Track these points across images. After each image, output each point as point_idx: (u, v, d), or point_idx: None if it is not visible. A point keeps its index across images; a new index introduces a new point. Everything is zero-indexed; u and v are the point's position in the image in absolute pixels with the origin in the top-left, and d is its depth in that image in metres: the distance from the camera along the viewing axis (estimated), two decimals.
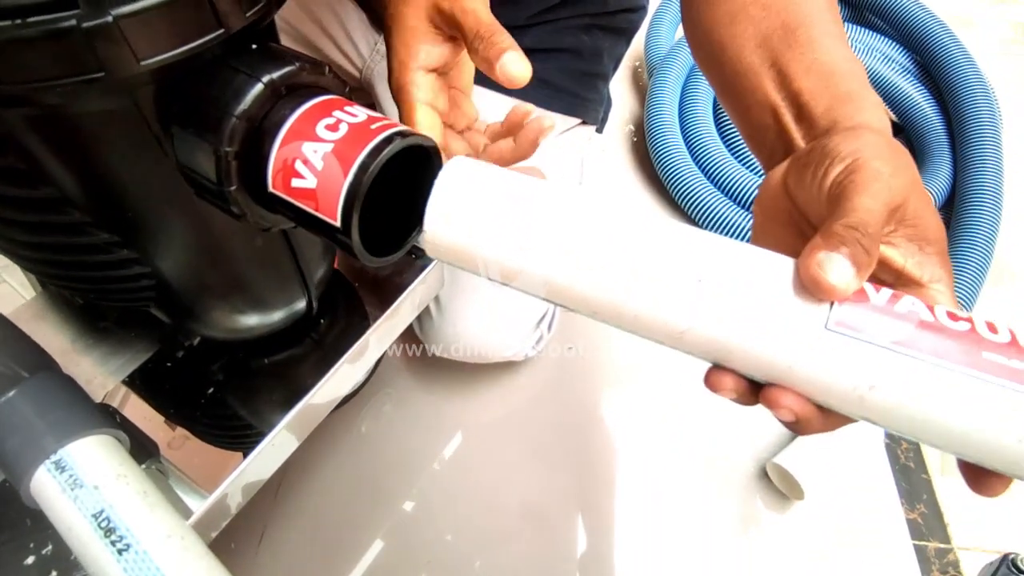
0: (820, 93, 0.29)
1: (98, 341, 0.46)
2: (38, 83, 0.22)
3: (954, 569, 0.61)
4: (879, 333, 0.20)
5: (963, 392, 0.19)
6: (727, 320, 0.21)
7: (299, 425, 0.45)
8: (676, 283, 0.22)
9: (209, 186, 0.25)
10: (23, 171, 0.28)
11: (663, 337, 0.23)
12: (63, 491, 0.30)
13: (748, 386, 0.23)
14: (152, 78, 0.24)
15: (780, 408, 0.22)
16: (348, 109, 0.25)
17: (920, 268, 0.24)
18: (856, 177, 0.23)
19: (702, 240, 0.23)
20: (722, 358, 0.23)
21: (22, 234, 0.31)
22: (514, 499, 0.64)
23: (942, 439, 0.20)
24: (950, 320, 0.20)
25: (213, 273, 0.35)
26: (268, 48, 0.26)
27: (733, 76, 0.33)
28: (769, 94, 0.31)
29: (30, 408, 0.32)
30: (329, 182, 0.23)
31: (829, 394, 0.21)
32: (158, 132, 0.26)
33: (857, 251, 0.21)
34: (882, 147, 0.24)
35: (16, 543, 0.36)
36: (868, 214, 0.22)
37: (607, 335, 0.77)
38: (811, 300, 0.21)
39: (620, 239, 0.23)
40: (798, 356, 0.21)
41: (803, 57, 0.30)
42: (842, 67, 0.29)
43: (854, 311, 0.21)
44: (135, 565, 0.29)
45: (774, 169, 0.28)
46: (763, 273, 0.22)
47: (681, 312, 0.22)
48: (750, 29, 0.32)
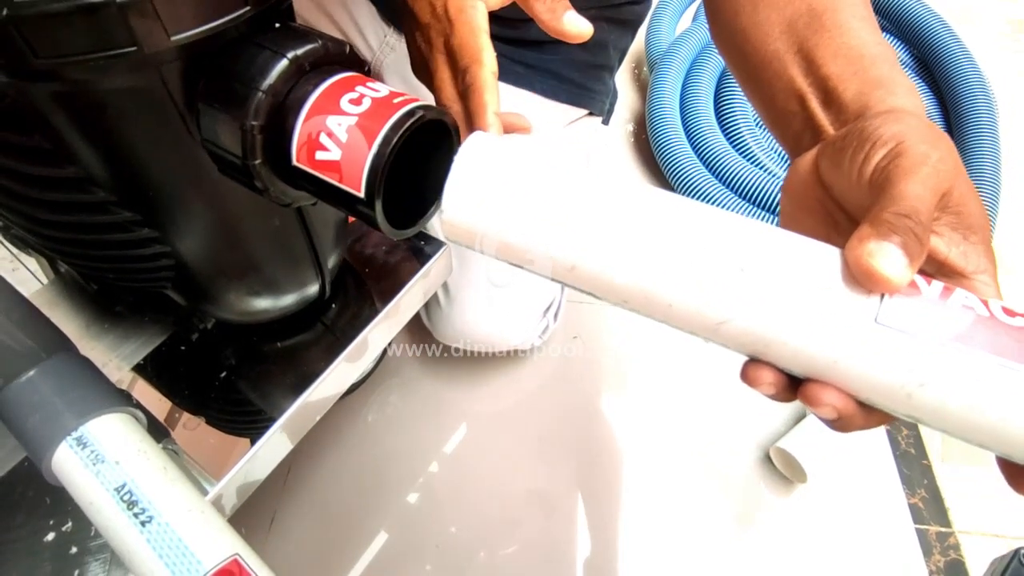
0: (849, 78, 0.28)
1: (112, 326, 0.47)
2: (71, 57, 0.23)
3: (955, 552, 0.62)
4: (932, 328, 0.19)
5: (1017, 390, 0.18)
6: (769, 311, 0.20)
7: (307, 412, 0.45)
8: (717, 271, 0.21)
9: (234, 161, 0.26)
10: (49, 150, 0.29)
11: (698, 328, 0.22)
12: (85, 466, 0.31)
13: (787, 381, 0.22)
14: (180, 54, 0.25)
15: (822, 406, 0.21)
16: (370, 84, 0.25)
17: (965, 258, 0.22)
18: (902, 162, 0.22)
19: (743, 226, 0.22)
20: (761, 351, 0.21)
21: (46, 213, 0.31)
22: (520, 486, 0.65)
23: (994, 439, 0.19)
24: (1007, 315, 0.19)
25: (230, 254, 0.36)
26: (291, 27, 0.27)
27: (758, 64, 0.32)
28: (795, 80, 0.30)
29: (50, 387, 0.32)
30: (354, 154, 0.24)
31: (875, 391, 0.20)
32: (183, 109, 0.27)
33: (910, 240, 0.20)
34: (925, 130, 0.23)
35: (36, 521, 0.37)
36: (919, 200, 0.21)
37: (611, 325, 0.78)
38: (860, 292, 0.20)
39: (654, 222, 0.21)
40: (845, 351, 0.20)
41: (831, 42, 0.29)
42: (872, 50, 0.28)
43: (906, 304, 0.20)
44: (158, 536, 0.29)
45: (802, 156, 0.28)
46: (809, 263, 0.21)
47: (720, 303, 0.21)
48: (774, 16, 0.31)
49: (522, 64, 0.59)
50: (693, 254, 0.21)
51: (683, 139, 0.92)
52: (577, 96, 0.62)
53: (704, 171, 0.88)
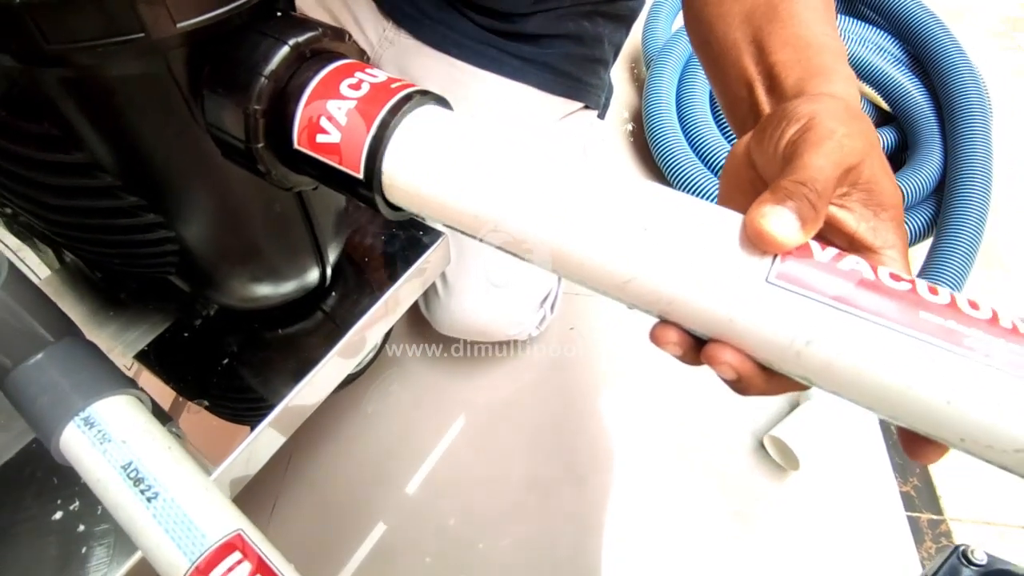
0: (792, 65, 0.29)
1: (116, 314, 0.48)
2: (81, 43, 0.23)
3: (946, 539, 0.63)
4: (819, 288, 0.20)
5: (897, 350, 0.19)
6: (670, 270, 0.21)
7: (305, 400, 0.46)
8: (621, 230, 0.22)
9: (237, 145, 0.27)
10: (57, 136, 0.29)
11: (609, 287, 0.23)
12: (93, 445, 0.32)
13: (692, 342, 0.23)
14: (185, 41, 0.26)
15: (720, 364, 0.22)
16: (369, 71, 0.26)
17: (874, 233, 0.24)
18: (809, 136, 0.23)
19: (653, 191, 0.23)
20: (665, 310, 0.22)
21: (54, 198, 0.32)
22: (518, 476, 0.66)
23: (875, 400, 0.20)
24: (891, 280, 0.20)
25: (233, 239, 0.37)
26: (292, 16, 0.28)
27: (718, 53, 0.33)
28: (747, 68, 0.31)
29: (58, 369, 0.33)
30: (353, 136, 0.25)
31: (767, 349, 0.21)
32: (187, 95, 0.28)
33: (803, 205, 0.21)
34: (839, 110, 0.24)
35: (44, 500, 0.38)
36: (817, 171, 0.22)
37: (608, 316, 0.79)
38: (755, 253, 0.21)
39: (568, 185, 0.23)
40: (739, 309, 0.21)
41: (782, 31, 0.30)
42: (818, 40, 0.29)
43: (796, 266, 0.21)
44: (164, 511, 0.30)
45: (740, 139, 0.29)
46: (711, 226, 0.22)
47: (625, 260, 0.22)
48: (736, 7, 0.32)
49: (518, 57, 0.60)
50: (600, 214, 0.22)
51: (679, 135, 0.93)
52: (572, 89, 0.63)
53: (700, 166, 0.89)
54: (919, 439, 0.21)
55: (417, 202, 0.25)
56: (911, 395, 0.19)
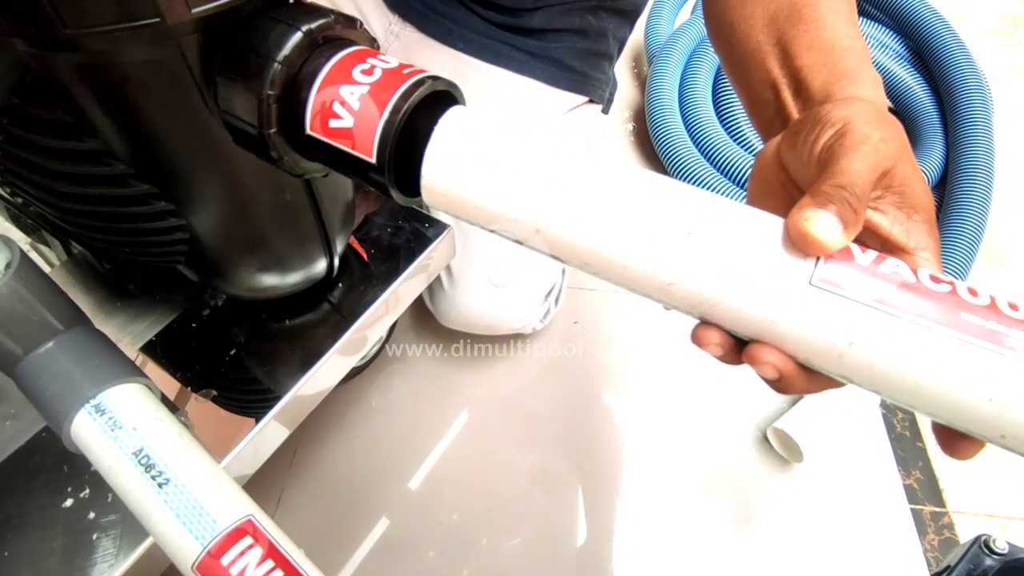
0: (819, 68, 0.29)
1: (124, 305, 0.48)
2: (97, 27, 0.24)
3: (949, 531, 0.63)
4: (861, 291, 0.20)
5: (939, 350, 0.19)
6: (714, 273, 0.22)
7: (310, 392, 0.46)
8: (666, 234, 0.22)
9: (249, 130, 0.27)
10: (70, 124, 0.30)
11: (651, 290, 0.23)
12: (104, 432, 0.32)
13: (733, 343, 0.23)
14: (199, 27, 0.26)
15: (763, 364, 0.22)
16: (381, 57, 0.26)
17: (907, 235, 0.24)
18: (845, 140, 0.24)
19: (695, 195, 0.23)
20: (707, 312, 0.23)
21: (66, 186, 0.32)
22: (521, 469, 0.66)
23: (917, 399, 0.20)
24: (932, 282, 0.21)
25: (242, 228, 0.37)
26: (303, 3, 0.28)
27: (742, 56, 0.33)
28: (772, 71, 0.31)
29: (68, 358, 0.33)
30: (366, 120, 0.25)
31: (810, 350, 0.21)
32: (200, 81, 0.28)
33: (844, 209, 0.21)
34: (872, 114, 0.25)
35: (54, 487, 0.38)
36: (855, 175, 0.22)
37: (612, 310, 0.79)
38: (797, 256, 0.21)
39: (612, 188, 0.23)
40: (781, 311, 0.21)
41: (806, 34, 0.30)
42: (843, 43, 0.29)
43: (838, 268, 0.21)
44: (175, 497, 0.30)
45: (768, 143, 0.29)
46: (753, 229, 0.22)
47: (669, 264, 0.22)
48: (759, 10, 0.33)
49: (524, 52, 0.61)
50: (646, 218, 0.22)
51: (682, 129, 0.93)
52: (578, 84, 0.63)
53: (703, 160, 0.89)
54: (956, 435, 0.21)
55: (458, 207, 0.25)
56: (953, 394, 0.19)
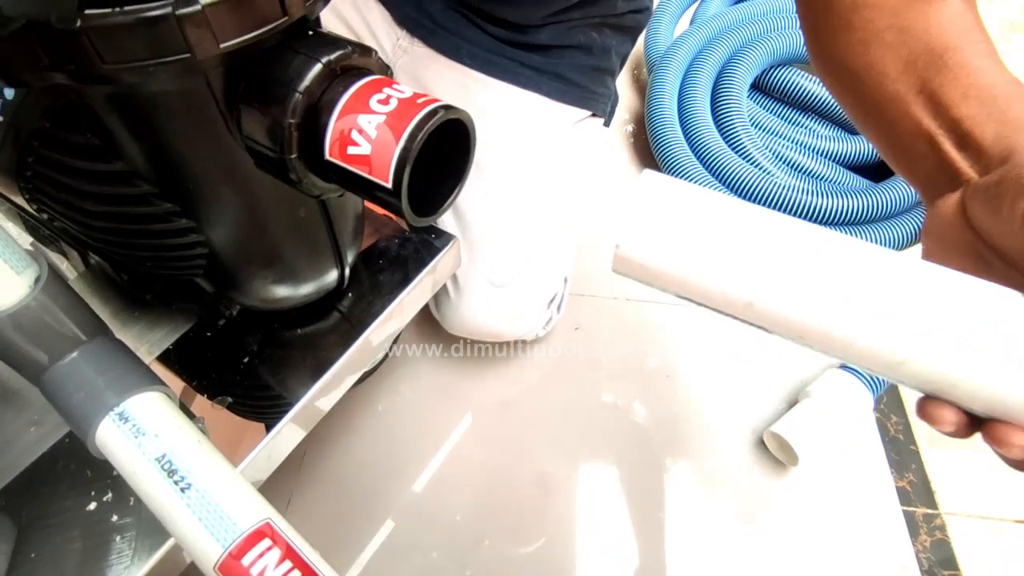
0: (984, 120, 0.28)
1: (141, 315, 0.49)
2: (134, 63, 0.25)
3: (941, 533, 0.64)
4: None
5: None
6: (954, 353, 0.20)
7: (322, 397, 0.48)
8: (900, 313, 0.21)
9: (271, 155, 0.29)
10: (99, 147, 0.31)
11: (877, 366, 0.22)
12: (127, 439, 0.33)
13: (968, 420, 0.22)
14: (224, 60, 0.27)
15: (1012, 447, 0.21)
16: (396, 87, 0.28)
17: None
18: None
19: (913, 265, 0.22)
20: (943, 390, 0.22)
21: (94, 205, 0.34)
22: (523, 470, 0.68)
23: None
24: None
25: (259, 243, 0.39)
26: (323, 34, 0.30)
27: (876, 104, 0.32)
28: (922, 122, 0.30)
29: (92, 367, 0.35)
30: (382, 148, 0.27)
31: None
32: (224, 109, 0.30)
33: None
34: None
35: (78, 491, 0.39)
36: None
37: (612, 317, 0.81)
38: None
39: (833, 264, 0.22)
40: None
41: (956, 82, 0.29)
42: (1004, 90, 0.28)
43: None
44: (197, 501, 0.32)
45: (943, 199, 0.28)
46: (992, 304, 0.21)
47: (903, 342, 0.21)
48: (888, 56, 0.31)
49: (530, 67, 0.62)
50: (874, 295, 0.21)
51: (681, 138, 0.95)
52: (582, 98, 0.64)
53: (702, 169, 0.91)
54: None
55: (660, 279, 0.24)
56: None
